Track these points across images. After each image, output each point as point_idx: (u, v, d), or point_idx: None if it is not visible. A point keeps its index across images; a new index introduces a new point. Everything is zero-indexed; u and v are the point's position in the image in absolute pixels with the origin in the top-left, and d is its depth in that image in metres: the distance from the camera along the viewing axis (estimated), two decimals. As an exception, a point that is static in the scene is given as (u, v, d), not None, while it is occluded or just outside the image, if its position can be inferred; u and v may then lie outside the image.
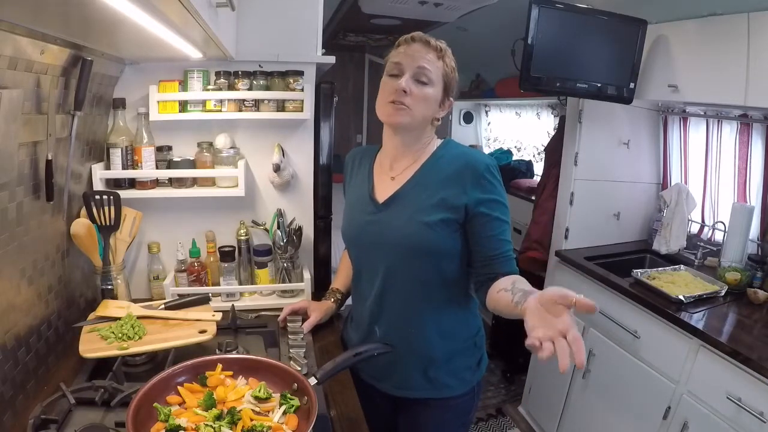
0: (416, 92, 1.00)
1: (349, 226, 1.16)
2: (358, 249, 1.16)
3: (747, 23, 1.52)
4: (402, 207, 1.06)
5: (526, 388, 2.45)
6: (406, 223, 1.03)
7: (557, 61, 1.74)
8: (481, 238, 1.01)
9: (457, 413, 1.17)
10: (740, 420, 1.32)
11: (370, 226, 1.09)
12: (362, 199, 1.13)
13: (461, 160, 1.03)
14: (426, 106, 1.02)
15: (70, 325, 1.24)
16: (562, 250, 2.17)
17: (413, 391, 1.13)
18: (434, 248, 1.02)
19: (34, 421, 0.89)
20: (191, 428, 0.80)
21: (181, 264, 1.55)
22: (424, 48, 1.00)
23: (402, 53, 1.02)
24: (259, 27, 1.49)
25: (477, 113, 4.09)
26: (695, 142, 2.15)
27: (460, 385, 1.14)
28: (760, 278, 1.74)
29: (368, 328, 1.16)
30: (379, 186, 1.12)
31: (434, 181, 1.04)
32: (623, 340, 1.77)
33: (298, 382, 0.92)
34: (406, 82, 0.99)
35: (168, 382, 0.90)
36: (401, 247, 1.04)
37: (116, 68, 1.41)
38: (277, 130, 1.58)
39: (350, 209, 1.17)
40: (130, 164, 1.45)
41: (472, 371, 1.15)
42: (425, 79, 1.00)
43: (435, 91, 1.02)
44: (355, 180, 1.19)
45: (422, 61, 0.99)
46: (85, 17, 0.82)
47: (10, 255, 0.99)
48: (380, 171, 1.14)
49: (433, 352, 1.10)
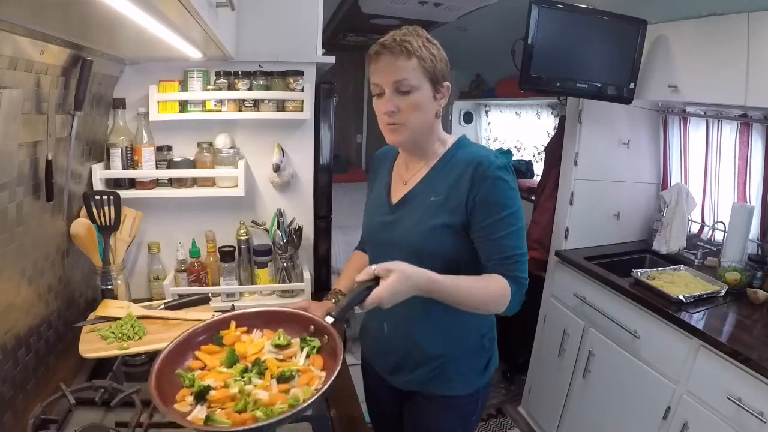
0: (404, 106, 0.97)
1: (368, 225, 1.17)
2: (373, 247, 1.17)
3: (747, 23, 1.51)
4: (411, 209, 1.06)
5: (526, 388, 2.45)
6: (414, 225, 1.03)
7: (557, 61, 1.74)
8: (480, 241, 1.00)
9: (459, 413, 1.17)
10: (740, 420, 1.32)
11: (383, 226, 1.10)
12: (380, 200, 1.14)
13: (470, 161, 1.01)
14: (420, 113, 0.99)
15: (70, 325, 1.24)
16: (562, 250, 2.17)
17: (417, 385, 1.14)
18: (440, 251, 1.01)
19: (34, 421, 0.89)
20: (220, 386, 0.80)
21: (181, 264, 1.55)
22: (391, 57, 0.95)
23: (374, 71, 0.99)
24: (259, 27, 1.49)
25: (477, 113, 4.09)
26: (695, 142, 2.15)
27: (464, 386, 1.13)
28: (760, 278, 1.74)
29: (377, 325, 1.17)
30: (394, 188, 1.13)
31: (443, 183, 1.03)
32: (623, 340, 1.77)
33: (314, 324, 0.92)
34: (390, 101, 0.97)
35: (185, 348, 0.89)
36: (408, 248, 1.03)
37: (116, 68, 1.41)
38: (277, 130, 1.58)
39: (370, 208, 1.19)
40: (130, 164, 1.45)
41: (478, 373, 1.14)
42: (406, 88, 0.96)
43: (422, 93, 0.98)
44: (378, 179, 1.20)
45: (396, 74, 0.96)
46: (85, 17, 0.82)
47: (10, 255, 0.99)
48: (397, 174, 1.15)
49: (439, 350, 1.10)
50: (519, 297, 0.98)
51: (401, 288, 0.85)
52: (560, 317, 2.14)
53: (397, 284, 0.84)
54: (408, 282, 0.86)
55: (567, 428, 2.11)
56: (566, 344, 2.08)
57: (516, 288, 0.97)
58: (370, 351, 1.25)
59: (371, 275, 0.86)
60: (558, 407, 2.13)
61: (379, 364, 1.21)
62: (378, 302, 0.83)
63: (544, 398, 2.28)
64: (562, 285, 2.16)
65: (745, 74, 1.52)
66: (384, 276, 0.85)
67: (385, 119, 1.00)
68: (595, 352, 1.91)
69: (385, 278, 0.85)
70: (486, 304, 0.96)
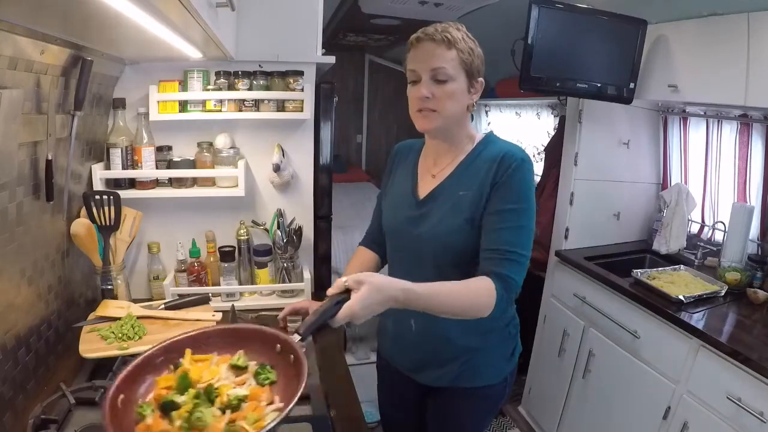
0: (439, 93, 0.98)
1: (391, 219, 1.16)
2: (397, 242, 1.16)
3: (747, 23, 1.51)
4: (439, 204, 1.05)
5: (526, 388, 2.45)
6: (442, 219, 1.03)
7: (557, 61, 1.74)
8: (485, 229, 0.99)
9: (489, 402, 1.18)
10: (740, 420, 1.32)
11: (409, 221, 1.09)
12: (404, 194, 1.14)
13: (497, 153, 1.01)
14: (454, 102, 1.00)
15: (70, 325, 1.24)
16: (562, 250, 2.17)
17: (447, 381, 1.13)
18: (468, 245, 1.01)
19: (34, 421, 0.89)
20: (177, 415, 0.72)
21: (181, 264, 1.55)
22: (432, 45, 0.97)
23: (413, 57, 1.00)
24: (259, 27, 1.49)
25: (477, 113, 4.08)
26: (695, 142, 2.15)
27: (495, 375, 1.14)
28: (760, 278, 1.74)
29: (403, 323, 1.15)
30: (421, 183, 1.12)
31: (472, 178, 1.03)
32: (623, 340, 1.77)
33: (280, 342, 0.84)
34: (425, 87, 0.98)
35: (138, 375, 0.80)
36: (436, 243, 1.03)
37: (116, 68, 1.41)
38: (277, 130, 1.58)
39: (393, 202, 1.17)
40: (130, 164, 1.45)
41: (507, 360, 1.15)
42: (443, 77, 0.97)
43: (458, 84, 0.99)
44: (400, 174, 1.19)
45: (434, 61, 0.97)
46: (85, 17, 0.82)
47: (10, 255, 0.99)
48: (424, 168, 1.14)
49: (470, 343, 1.09)
50: (506, 299, 0.94)
51: (374, 300, 0.81)
52: (560, 317, 2.14)
53: (369, 296, 0.80)
54: (380, 294, 0.81)
55: (567, 428, 2.11)
56: (566, 344, 2.08)
57: (502, 288, 0.93)
58: (391, 349, 1.24)
59: (341, 288, 0.82)
60: (558, 407, 2.13)
61: (402, 362, 1.20)
62: (350, 316, 0.79)
63: (544, 398, 2.28)
64: (562, 285, 2.16)
65: (745, 74, 1.52)
66: (355, 288, 0.81)
67: (417, 105, 1.00)
68: (595, 352, 1.91)
69: (356, 290, 0.80)
70: (465, 311, 0.92)
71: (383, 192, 1.24)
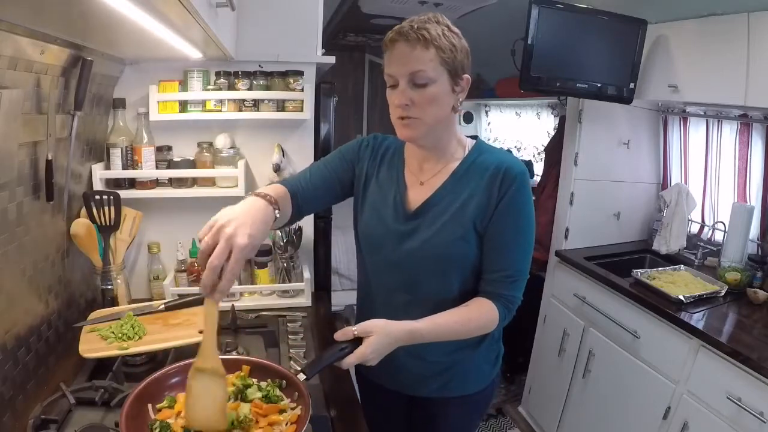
0: (419, 99, 0.90)
1: (374, 231, 1.06)
2: (381, 256, 1.06)
3: (747, 23, 1.51)
4: (433, 217, 0.99)
5: (526, 388, 2.45)
6: (438, 233, 0.98)
7: (557, 61, 1.74)
8: (489, 249, 0.98)
9: (476, 407, 1.18)
10: (740, 420, 1.32)
11: (398, 235, 1.02)
12: (391, 204, 1.04)
13: (496, 166, 0.96)
14: (436, 107, 0.92)
15: (70, 325, 1.24)
16: (562, 250, 2.17)
17: (435, 391, 1.11)
18: (466, 259, 0.98)
19: (34, 421, 0.89)
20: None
21: (181, 264, 1.55)
22: (407, 47, 0.88)
23: (389, 61, 0.92)
24: (259, 27, 1.49)
25: (477, 113, 4.08)
26: (695, 142, 2.14)
27: (480, 382, 1.13)
28: (760, 278, 1.74)
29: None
30: (411, 192, 1.04)
31: (467, 189, 0.98)
32: (623, 340, 1.77)
33: (287, 379, 0.92)
34: (403, 94, 0.90)
35: (160, 384, 0.89)
36: (432, 256, 0.98)
37: (116, 68, 1.41)
38: (277, 130, 1.58)
39: (377, 213, 1.06)
40: (130, 164, 1.45)
41: (491, 365, 1.14)
42: (423, 80, 0.89)
43: (440, 86, 0.91)
44: (382, 175, 1.08)
45: (411, 64, 0.88)
46: (85, 17, 0.82)
47: (10, 255, 0.99)
48: (410, 174, 1.05)
49: (457, 357, 1.07)
50: (508, 318, 0.99)
51: (382, 344, 0.86)
52: (560, 317, 2.14)
53: (379, 342, 0.85)
54: (388, 338, 0.87)
55: (567, 428, 2.11)
56: (566, 344, 2.08)
57: (504, 310, 0.97)
58: (376, 371, 1.04)
59: (350, 337, 0.86)
60: (558, 407, 2.13)
61: (388, 380, 1.16)
62: (362, 361, 0.84)
63: (544, 398, 2.28)
64: (562, 285, 2.16)
65: (745, 74, 1.52)
66: (365, 336, 0.85)
67: (397, 112, 0.93)
68: (595, 352, 1.91)
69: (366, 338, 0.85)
70: (470, 334, 0.98)
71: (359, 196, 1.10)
